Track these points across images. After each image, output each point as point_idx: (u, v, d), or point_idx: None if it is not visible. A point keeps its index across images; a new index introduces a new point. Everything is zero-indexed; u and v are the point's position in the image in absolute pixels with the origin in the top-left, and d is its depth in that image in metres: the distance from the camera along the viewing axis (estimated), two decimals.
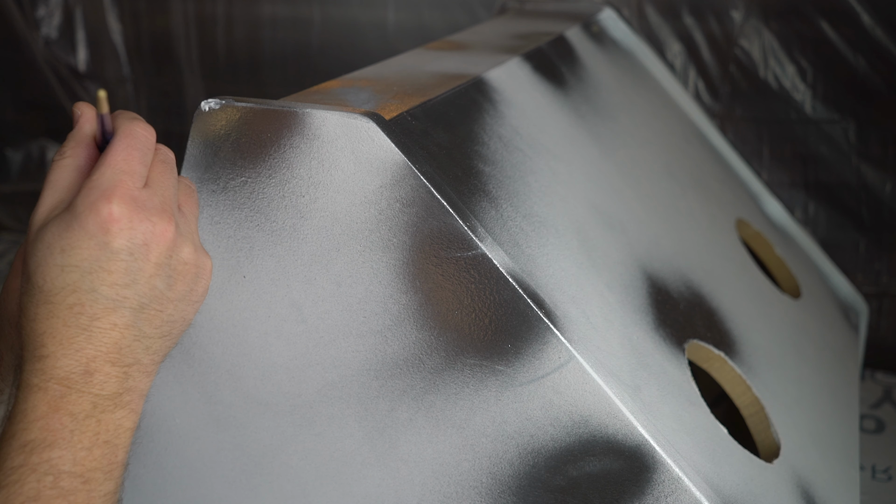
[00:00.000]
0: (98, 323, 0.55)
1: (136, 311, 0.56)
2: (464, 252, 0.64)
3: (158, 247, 0.56)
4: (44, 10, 1.68)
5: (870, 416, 1.26)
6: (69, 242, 0.54)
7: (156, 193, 0.57)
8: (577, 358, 0.64)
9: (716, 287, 0.89)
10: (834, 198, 1.42)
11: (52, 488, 0.52)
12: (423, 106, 0.72)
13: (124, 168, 0.56)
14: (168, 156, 0.60)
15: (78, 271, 0.54)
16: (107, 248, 0.54)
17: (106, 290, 0.55)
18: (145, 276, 0.56)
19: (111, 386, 0.56)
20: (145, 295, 0.56)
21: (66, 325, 0.54)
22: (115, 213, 0.54)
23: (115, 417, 0.56)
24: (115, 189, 0.55)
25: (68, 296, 0.54)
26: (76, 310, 0.54)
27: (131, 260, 0.55)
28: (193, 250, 0.59)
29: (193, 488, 0.73)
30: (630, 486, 0.64)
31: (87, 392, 0.55)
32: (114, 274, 0.55)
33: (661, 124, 1.11)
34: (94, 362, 0.55)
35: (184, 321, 0.60)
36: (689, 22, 1.42)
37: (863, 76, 1.37)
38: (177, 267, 0.57)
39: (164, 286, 0.57)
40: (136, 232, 0.55)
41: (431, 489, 0.68)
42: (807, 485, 0.77)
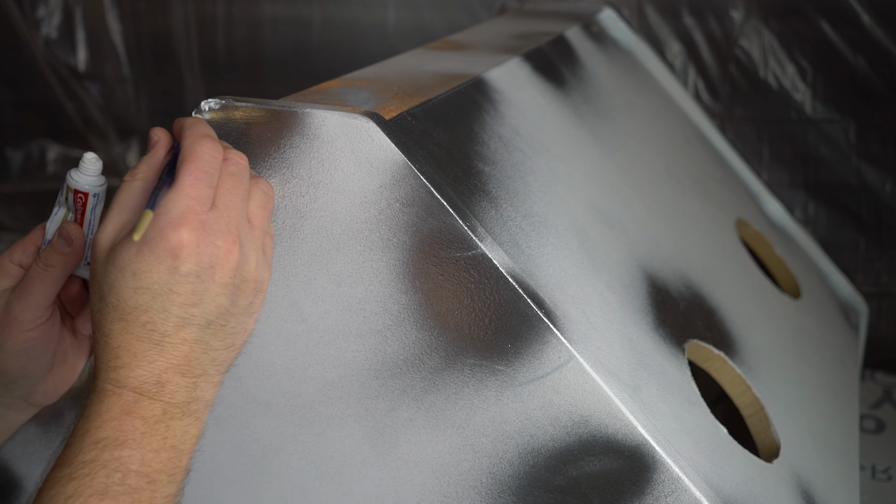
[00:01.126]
0: (169, 339, 0.58)
1: (203, 328, 0.59)
2: (464, 252, 0.64)
3: (223, 268, 0.59)
4: (44, 10, 1.68)
5: (870, 416, 1.26)
6: (140, 267, 0.57)
7: (222, 215, 0.59)
8: (577, 358, 0.64)
9: (716, 287, 0.89)
10: (834, 198, 1.42)
11: (119, 485, 0.55)
12: (423, 106, 0.72)
13: (191, 193, 0.58)
14: (238, 167, 0.62)
15: (149, 293, 0.57)
16: (176, 273, 0.57)
17: (176, 310, 0.58)
18: (211, 296, 0.59)
19: (181, 395, 0.59)
20: (211, 312, 0.59)
21: (139, 339, 0.58)
22: (184, 240, 0.57)
23: (182, 424, 0.59)
24: (183, 216, 0.57)
25: (141, 315, 0.58)
26: (149, 327, 0.58)
27: (198, 282, 0.58)
28: (255, 267, 0.61)
29: (193, 488, 0.73)
30: (630, 486, 0.64)
31: (158, 400, 0.58)
32: (182, 295, 0.58)
33: (661, 124, 1.11)
34: (166, 374, 0.58)
35: (245, 332, 0.62)
36: (689, 22, 1.42)
37: (863, 76, 1.37)
38: (240, 285, 0.60)
39: (228, 303, 0.60)
40: (202, 256, 0.58)
41: (431, 489, 0.68)
42: (807, 485, 0.77)
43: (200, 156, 0.60)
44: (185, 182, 0.58)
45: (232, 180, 0.61)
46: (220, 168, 0.61)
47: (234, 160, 0.62)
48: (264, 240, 0.63)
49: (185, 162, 0.60)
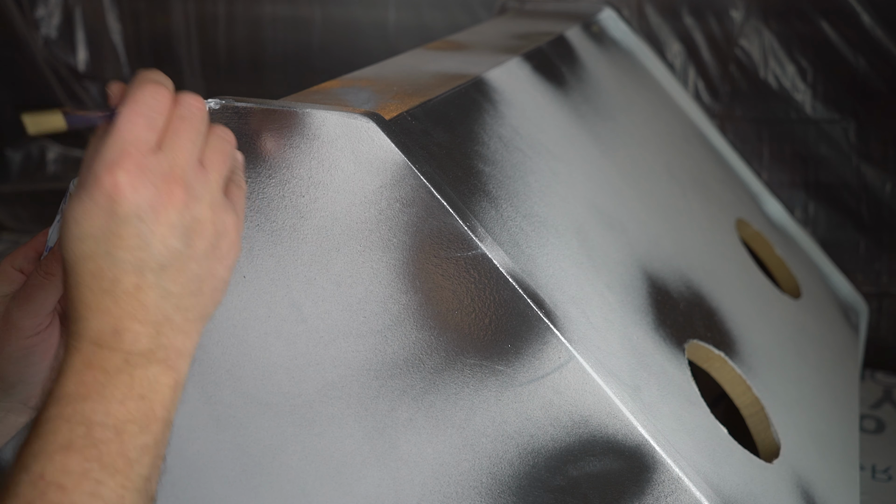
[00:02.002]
0: (120, 285, 0.56)
1: (156, 272, 0.57)
2: (464, 252, 0.64)
3: (166, 209, 0.57)
4: (44, 10, 1.68)
5: (870, 416, 1.26)
6: (80, 215, 0.56)
7: (165, 157, 0.58)
8: (577, 358, 0.64)
9: (716, 287, 0.89)
10: (834, 198, 1.42)
11: (84, 438, 0.54)
12: (423, 106, 0.72)
13: (127, 137, 0.57)
14: (189, 109, 0.60)
15: (92, 240, 0.56)
16: (115, 216, 0.56)
17: (122, 254, 0.56)
18: (158, 238, 0.57)
19: (142, 343, 0.57)
20: (163, 255, 0.57)
21: (90, 290, 0.56)
22: (119, 182, 0.56)
23: (148, 373, 0.57)
24: (117, 159, 0.56)
25: (88, 263, 0.56)
26: (97, 275, 0.56)
27: (141, 224, 0.56)
28: (209, 208, 0.59)
29: (193, 488, 0.73)
30: (630, 486, 0.64)
31: (118, 349, 0.56)
32: (126, 238, 0.56)
33: (661, 124, 1.11)
34: (122, 321, 0.57)
35: (213, 277, 0.60)
36: (689, 22, 1.42)
37: (863, 76, 1.37)
38: (191, 225, 0.58)
39: (181, 245, 0.58)
40: (140, 197, 0.56)
41: (431, 489, 0.68)
42: (807, 485, 0.77)
43: (139, 99, 0.58)
44: (119, 125, 0.57)
45: (181, 122, 0.59)
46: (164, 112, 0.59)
47: (186, 103, 0.59)
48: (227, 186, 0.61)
49: (123, 107, 0.58)
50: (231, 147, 0.62)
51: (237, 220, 0.61)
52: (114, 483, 0.54)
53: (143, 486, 0.56)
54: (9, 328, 0.66)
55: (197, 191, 0.58)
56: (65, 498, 0.53)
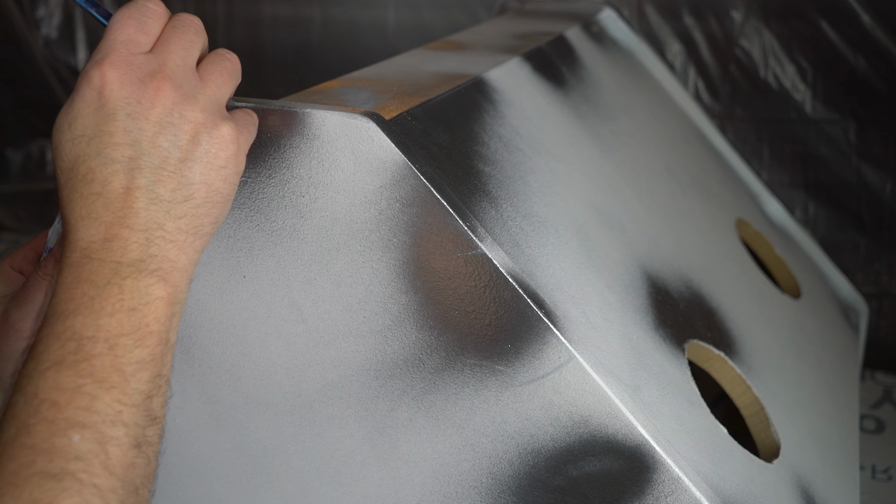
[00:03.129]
0: (110, 187, 0.56)
1: (145, 174, 0.56)
2: (464, 252, 0.64)
3: (155, 105, 0.56)
4: (44, 10, 1.68)
5: (870, 416, 1.26)
6: (71, 115, 0.56)
7: (155, 57, 0.57)
8: (577, 358, 0.64)
9: (716, 287, 0.89)
10: (834, 198, 1.42)
11: (75, 353, 0.53)
12: (423, 106, 0.72)
13: (118, 37, 0.57)
14: (184, 22, 0.59)
15: (83, 139, 0.56)
16: (102, 111, 0.56)
17: (110, 152, 0.55)
18: (147, 136, 0.56)
19: (132, 252, 0.56)
20: (151, 154, 0.56)
21: (82, 196, 0.56)
22: (107, 76, 0.55)
23: (139, 284, 0.55)
24: (106, 55, 0.56)
25: (80, 165, 0.56)
26: (89, 178, 0.56)
27: (129, 120, 0.56)
28: (200, 110, 0.58)
29: (193, 488, 0.73)
30: (630, 486, 0.64)
31: (107, 260, 0.55)
32: (114, 135, 0.56)
33: (661, 124, 1.11)
34: (112, 228, 0.55)
35: (207, 187, 0.58)
36: (689, 22, 1.42)
37: (863, 76, 1.37)
38: (182, 126, 0.57)
39: (169, 145, 0.57)
40: (126, 90, 0.56)
41: (431, 489, 0.68)
42: (807, 485, 0.77)
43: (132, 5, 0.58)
44: (111, 27, 0.57)
45: (173, 31, 0.59)
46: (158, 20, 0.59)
47: (183, 17, 0.59)
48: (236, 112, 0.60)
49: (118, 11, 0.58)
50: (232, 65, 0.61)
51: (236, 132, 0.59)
52: (109, 398, 0.53)
53: (143, 403, 0.54)
54: (7, 329, 0.65)
55: (187, 91, 0.57)
56: (59, 414, 0.51)
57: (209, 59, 0.61)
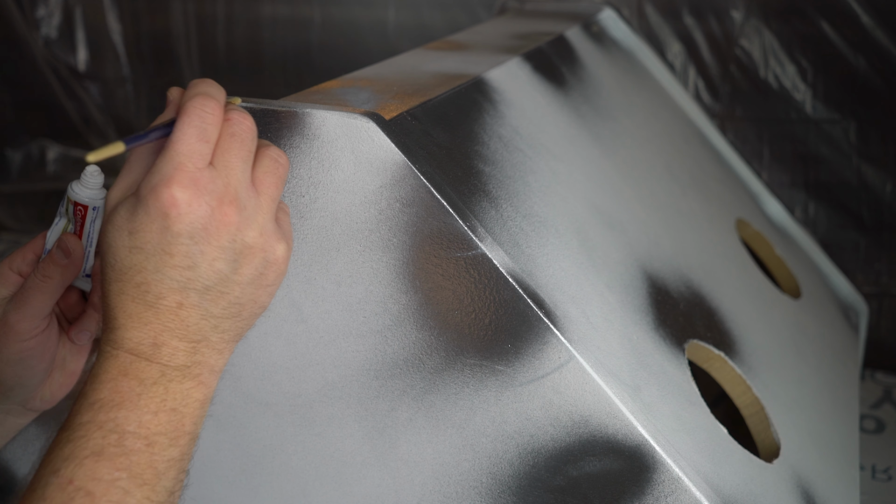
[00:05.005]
0: (164, 301, 0.57)
1: (200, 293, 0.57)
2: (464, 252, 0.64)
3: (218, 231, 0.57)
4: (44, 10, 1.68)
5: (870, 416, 1.26)
6: (135, 226, 0.56)
7: (219, 175, 0.57)
8: (577, 358, 0.64)
9: (716, 287, 0.89)
10: (834, 198, 1.42)
11: (115, 446, 0.54)
12: (423, 106, 0.72)
13: (182, 150, 0.57)
14: (240, 127, 0.59)
15: (143, 253, 0.56)
16: (168, 232, 0.56)
17: (169, 272, 0.56)
18: (207, 260, 0.57)
19: (179, 358, 0.57)
20: (209, 278, 0.57)
21: (134, 301, 0.57)
22: (176, 198, 0.56)
23: (182, 387, 0.58)
24: (174, 173, 0.56)
25: (135, 275, 0.57)
26: (143, 288, 0.57)
27: (192, 243, 0.56)
28: (259, 234, 0.59)
29: (193, 488, 0.73)
30: (630, 486, 0.64)
31: (155, 362, 0.57)
32: (175, 257, 0.56)
33: (661, 124, 1.11)
34: (161, 336, 0.57)
35: (254, 304, 0.60)
36: (689, 22, 1.42)
37: (863, 76, 1.37)
38: (241, 250, 0.58)
39: (228, 269, 0.58)
40: (194, 216, 0.56)
41: (431, 489, 0.68)
42: (807, 485, 0.77)
43: (193, 111, 0.58)
44: (175, 138, 0.57)
45: (231, 140, 0.58)
46: (217, 125, 0.58)
47: (237, 120, 0.59)
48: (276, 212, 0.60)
49: (179, 118, 0.58)
50: (284, 170, 0.61)
51: (287, 249, 0.61)
52: (140, 494, 0.55)
53: (167, 500, 0.56)
54: (6, 331, 0.66)
55: (249, 213, 0.58)
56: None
57: (264, 168, 0.60)
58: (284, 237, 0.60)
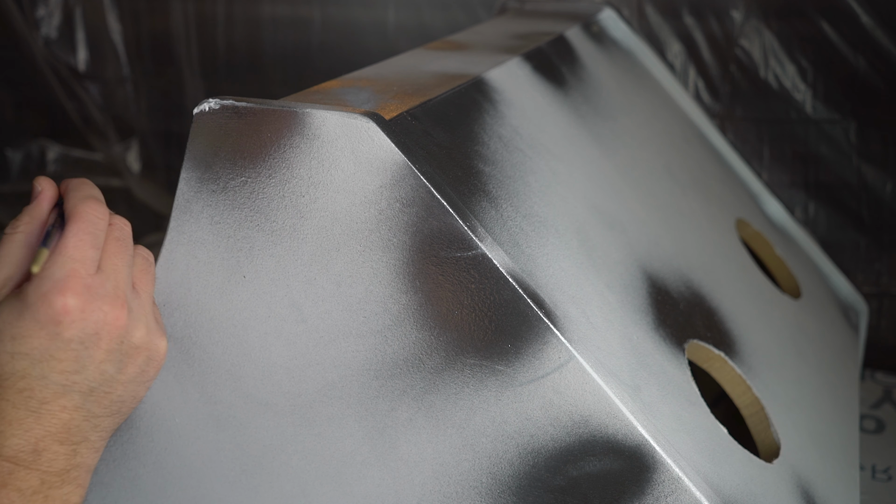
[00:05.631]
0: (47, 406, 0.56)
1: (85, 395, 0.58)
2: (464, 252, 0.64)
3: (109, 335, 0.57)
4: (44, 10, 1.68)
5: (870, 416, 1.26)
6: (20, 331, 0.55)
7: (108, 278, 0.58)
8: (577, 358, 0.64)
9: (716, 287, 0.89)
10: (834, 198, 1.42)
11: None
12: (423, 106, 0.72)
13: (76, 256, 0.56)
14: (122, 232, 0.60)
15: (28, 359, 0.55)
16: (58, 339, 0.55)
17: (56, 377, 0.56)
18: (95, 363, 0.57)
19: (59, 463, 0.57)
20: (94, 380, 0.58)
21: (15, 407, 0.56)
22: (69, 305, 0.55)
23: (62, 493, 0.57)
24: (67, 279, 0.55)
25: (18, 381, 0.56)
26: (26, 394, 0.56)
27: (82, 348, 0.56)
28: (146, 333, 0.60)
29: (193, 488, 0.73)
30: (630, 486, 0.64)
31: (35, 469, 0.56)
32: (64, 362, 0.56)
33: (661, 124, 1.11)
34: (43, 441, 0.56)
35: (134, 399, 0.61)
36: (689, 22, 1.42)
37: (863, 76, 1.37)
38: (128, 351, 0.59)
39: (114, 370, 0.58)
40: (87, 322, 0.56)
41: (431, 489, 0.68)
42: (807, 485, 0.77)
43: (85, 216, 0.58)
44: (69, 243, 0.56)
45: (117, 245, 0.59)
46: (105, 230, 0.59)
47: (119, 225, 0.60)
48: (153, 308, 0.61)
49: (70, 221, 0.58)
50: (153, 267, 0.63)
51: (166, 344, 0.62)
52: None
53: None
54: None
55: (135, 314, 0.59)
56: None
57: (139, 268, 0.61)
58: (163, 332, 0.62)
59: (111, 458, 0.72)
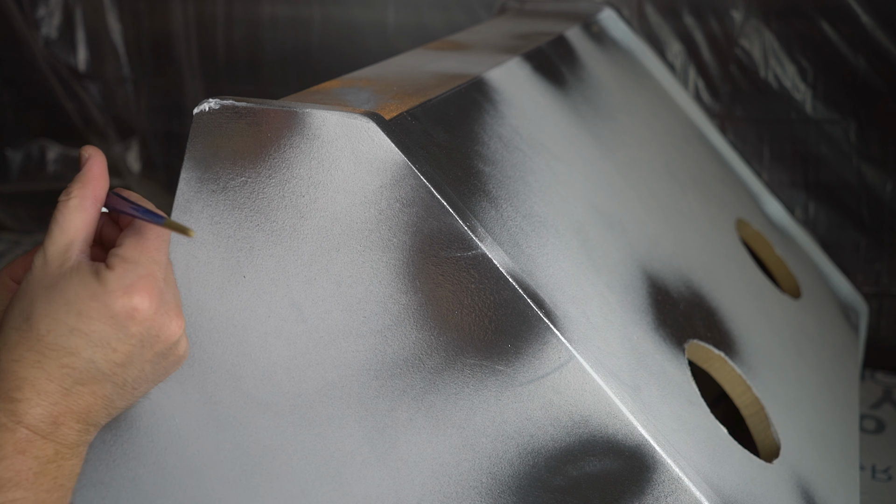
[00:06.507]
0: (79, 388, 0.58)
1: (117, 387, 0.60)
2: (464, 252, 0.64)
3: (165, 341, 0.60)
4: (44, 10, 1.68)
5: (870, 416, 1.26)
6: (88, 311, 0.57)
7: (171, 289, 0.60)
8: (577, 358, 0.64)
9: (716, 287, 0.89)
10: (834, 198, 1.42)
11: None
12: (423, 106, 0.72)
13: (157, 259, 0.59)
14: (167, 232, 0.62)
15: (85, 339, 0.57)
16: (123, 331, 0.57)
17: (102, 365, 0.58)
18: (141, 362, 0.59)
19: (72, 438, 0.59)
20: (133, 376, 0.60)
21: (50, 379, 0.57)
22: (144, 307, 0.58)
23: (70, 464, 0.59)
24: (149, 279, 0.58)
25: (64, 356, 0.57)
26: (66, 371, 0.57)
27: (139, 346, 0.59)
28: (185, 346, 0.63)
29: (193, 488, 0.73)
30: (630, 486, 0.64)
31: (51, 440, 0.58)
32: (117, 353, 0.58)
33: (661, 124, 1.11)
34: (63, 417, 0.58)
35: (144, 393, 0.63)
36: (689, 22, 1.42)
37: (863, 76, 1.37)
38: (169, 357, 0.61)
39: (150, 371, 0.61)
40: (154, 325, 0.58)
41: (431, 489, 0.68)
42: (807, 485, 0.77)
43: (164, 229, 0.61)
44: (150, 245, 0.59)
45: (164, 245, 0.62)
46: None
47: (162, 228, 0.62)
48: None
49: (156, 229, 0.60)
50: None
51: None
52: None
53: None
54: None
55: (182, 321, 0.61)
56: None
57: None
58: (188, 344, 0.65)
59: (111, 458, 0.72)
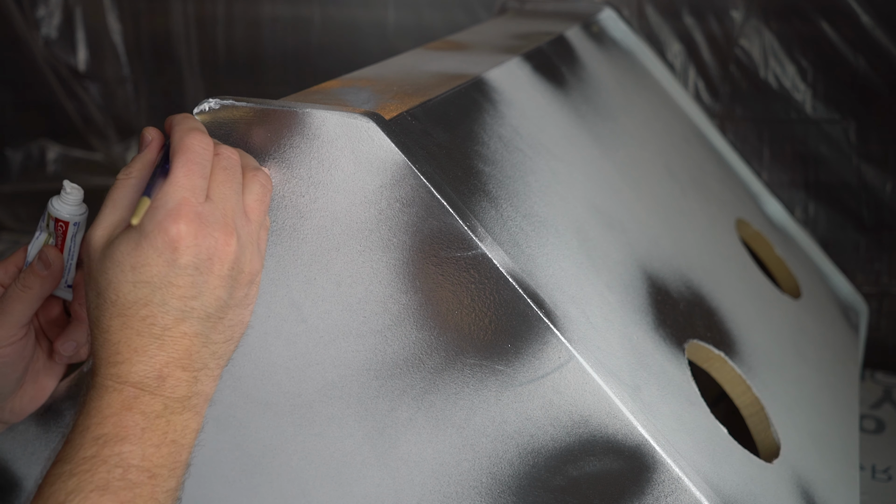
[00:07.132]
0: (169, 332, 0.58)
1: (202, 320, 0.60)
2: (464, 252, 0.64)
3: (221, 260, 0.59)
4: (44, 10, 1.68)
5: (870, 416, 1.26)
6: (139, 260, 0.58)
7: (217, 206, 0.60)
8: (577, 358, 0.64)
9: (716, 287, 0.89)
10: (834, 198, 1.42)
11: (120, 480, 0.56)
12: (423, 106, 0.72)
13: (185, 184, 0.59)
14: (229, 161, 0.62)
15: (149, 287, 0.58)
16: (174, 265, 0.58)
17: (175, 303, 0.58)
18: (210, 288, 0.59)
19: (181, 390, 0.59)
20: (210, 305, 0.60)
21: (139, 334, 0.58)
22: (182, 232, 0.58)
23: (182, 419, 0.59)
24: (180, 208, 0.58)
25: (140, 309, 0.58)
26: (149, 321, 0.58)
27: (197, 274, 0.58)
28: (250, 259, 0.62)
29: (193, 488, 0.73)
30: (630, 486, 0.64)
31: (159, 395, 0.58)
32: (182, 287, 0.58)
33: (661, 124, 1.11)
34: (167, 368, 0.58)
35: (242, 324, 0.63)
36: (689, 22, 1.42)
37: (863, 76, 1.37)
38: (237, 276, 0.61)
39: (226, 295, 0.60)
40: (200, 248, 0.58)
41: (431, 489, 0.68)
42: (807, 485, 0.77)
43: (191, 147, 0.60)
44: (178, 174, 0.59)
45: (224, 174, 0.61)
46: (211, 160, 0.61)
47: (226, 155, 0.62)
48: (259, 232, 0.63)
49: (176, 154, 0.60)
50: (270, 194, 0.65)
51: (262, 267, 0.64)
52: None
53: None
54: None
55: (244, 241, 0.61)
56: None
57: (255, 195, 0.63)
58: (262, 255, 0.63)
59: None
